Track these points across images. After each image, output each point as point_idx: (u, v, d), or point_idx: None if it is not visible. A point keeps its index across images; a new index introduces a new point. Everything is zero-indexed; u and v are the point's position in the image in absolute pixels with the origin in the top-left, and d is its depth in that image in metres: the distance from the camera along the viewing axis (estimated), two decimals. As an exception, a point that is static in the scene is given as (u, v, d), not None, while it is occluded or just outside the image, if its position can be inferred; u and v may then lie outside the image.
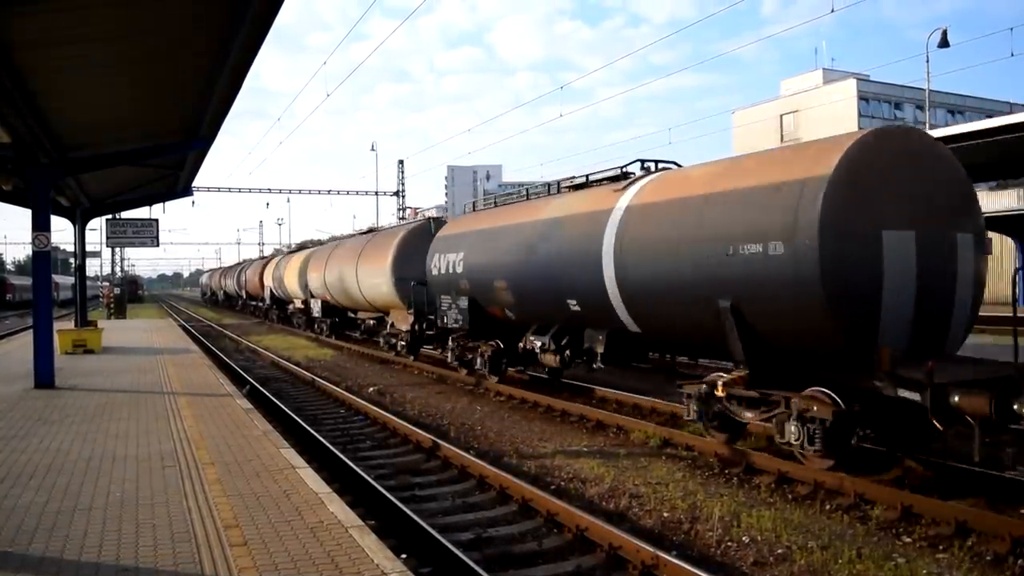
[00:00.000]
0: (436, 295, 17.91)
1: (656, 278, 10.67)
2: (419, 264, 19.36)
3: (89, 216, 25.74)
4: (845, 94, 69.59)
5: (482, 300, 16.00)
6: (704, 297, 9.72)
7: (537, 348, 14.30)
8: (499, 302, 15.27)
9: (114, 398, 13.52)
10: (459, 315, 16.82)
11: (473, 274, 16.03)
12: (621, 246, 11.32)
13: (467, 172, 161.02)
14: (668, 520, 7.94)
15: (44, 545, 6.04)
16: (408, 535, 7.46)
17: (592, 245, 11.92)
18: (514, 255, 14.46)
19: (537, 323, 14.52)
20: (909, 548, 7.07)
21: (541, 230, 13.79)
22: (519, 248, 14.31)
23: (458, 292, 16.73)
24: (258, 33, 10.20)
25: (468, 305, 16.37)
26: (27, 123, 12.99)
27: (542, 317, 14.30)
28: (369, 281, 23.62)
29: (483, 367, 16.68)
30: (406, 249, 21.71)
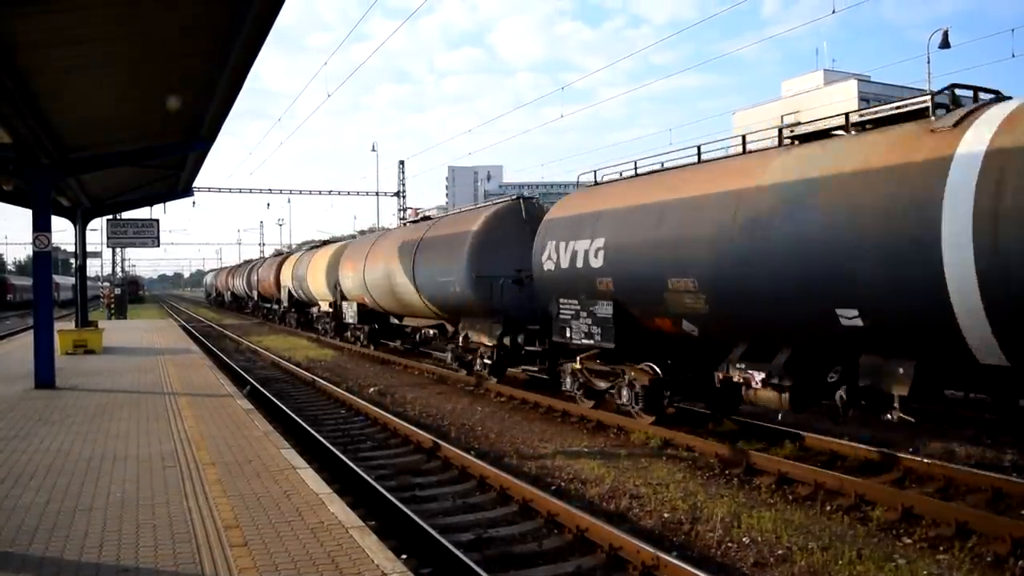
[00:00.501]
0: (550, 298, 13.34)
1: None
2: (507, 257, 15.71)
3: (90, 216, 25.72)
4: (846, 95, 69.50)
5: (637, 306, 11.53)
6: None
7: (757, 382, 9.62)
8: (672, 310, 10.74)
9: (115, 398, 13.52)
10: (595, 327, 12.28)
11: (622, 269, 11.57)
12: (994, 218, 7.01)
13: (468, 173, 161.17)
14: (668, 521, 7.94)
15: (44, 545, 6.04)
16: (409, 536, 7.45)
17: (909, 220, 7.65)
18: (709, 242, 9.98)
19: (746, 343, 9.99)
20: (910, 549, 7.07)
21: (771, 202, 9.29)
22: (722, 230, 9.78)
23: (592, 295, 12.27)
24: (258, 34, 10.20)
25: (613, 313, 11.85)
26: (28, 123, 13.00)
27: (764, 335, 9.73)
28: (432, 280, 18.37)
29: (632, 403, 12.04)
30: (488, 236, 16.49)
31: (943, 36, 37.06)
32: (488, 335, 16.42)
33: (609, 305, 11.94)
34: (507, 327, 15.71)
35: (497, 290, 15.53)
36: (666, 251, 10.72)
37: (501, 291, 15.42)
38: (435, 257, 18.20)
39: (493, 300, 15.64)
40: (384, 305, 23.31)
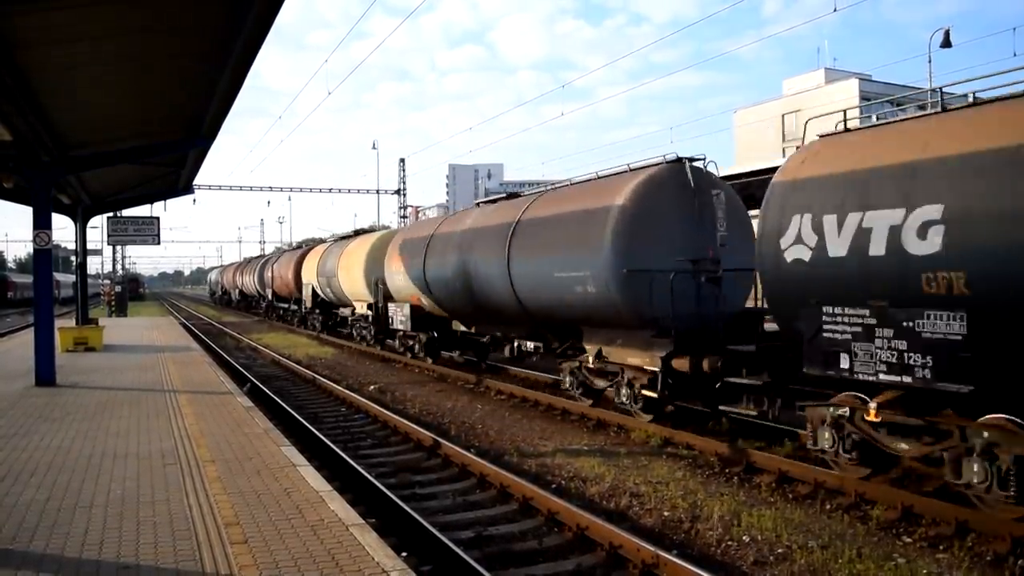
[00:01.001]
0: (796, 305, 8.71)
1: None
2: (668, 241, 11.52)
3: (90, 214, 25.74)
4: (847, 94, 69.45)
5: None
6: None
7: None
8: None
9: (115, 396, 13.53)
10: (915, 354, 7.54)
11: (993, 254, 6.89)
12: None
13: (468, 171, 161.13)
14: (668, 519, 7.94)
15: (45, 543, 6.05)
16: (409, 533, 7.46)
17: None
18: None
19: None
20: (909, 548, 7.07)
21: None
22: None
23: (908, 300, 7.53)
24: (259, 32, 10.20)
25: (966, 331, 7.06)
26: (28, 121, 13.00)
27: None
28: (540, 276, 13.27)
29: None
30: (641, 213, 11.58)
31: (944, 35, 37.05)
32: (644, 355, 11.61)
33: (957, 317, 7.13)
34: (680, 344, 11.07)
35: (660, 290, 11.05)
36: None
37: (671, 291, 10.91)
38: (546, 245, 13.26)
39: (653, 304, 11.16)
40: (452, 309, 18.15)
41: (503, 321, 15.95)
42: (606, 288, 11.62)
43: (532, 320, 14.50)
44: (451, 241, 17.22)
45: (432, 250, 18.19)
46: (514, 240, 14.18)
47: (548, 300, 13.34)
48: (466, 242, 16.36)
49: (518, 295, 14.14)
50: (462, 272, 16.36)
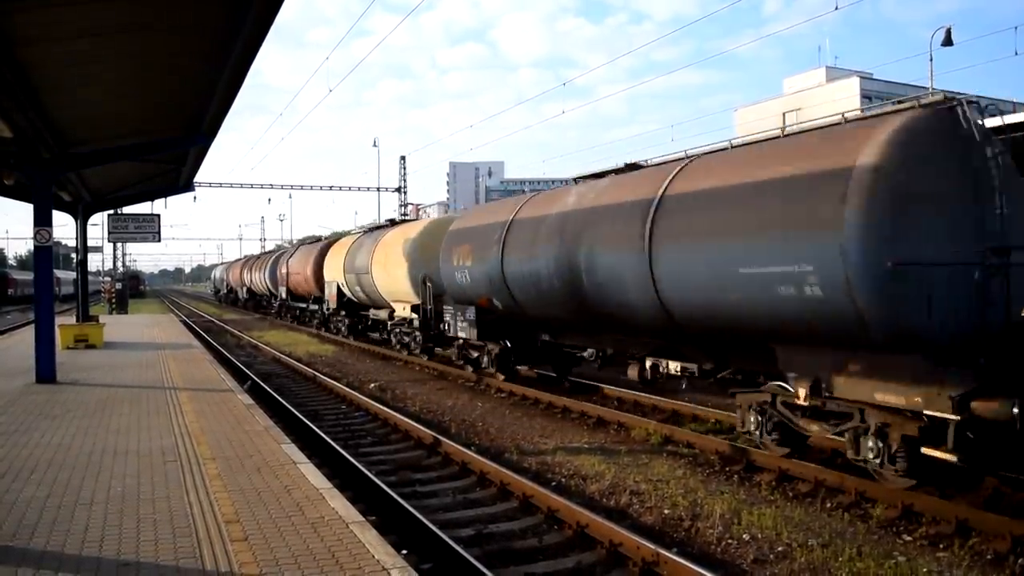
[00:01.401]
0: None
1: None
2: (946, 224, 7.78)
3: (91, 211, 25.75)
4: (848, 92, 69.39)
5: None
6: None
7: None
8: None
9: (115, 393, 13.53)
10: None
11: None
12: None
13: (469, 169, 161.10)
14: (669, 517, 7.94)
15: (45, 540, 6.05)
16: (409, 531, 7.46)
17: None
18: None
19: None
20: (910, 546, 7.07)
21: None
22: None
23: None
24: (259, 30, 10.20)
25: None
26: (29, 118, 13.00)
27: None
28: (745, 272, 8.83)
29: None
30: (908, 179, 7.64)
31: (946, 34, 36.99)
32: (911, 392, 7.66)
33: None
34: (986, 377, 7.42)
35: (942, 293, 7.58)
36: None
37: (964, 294, 7.68)
38: (722, 228, 9.26)
39: (931, 314, 7.54)
40: (542, 314, 14.09)
41: (628, 331, 11.95)
42: (845, 290, 7.63)
43: (677, 333, 10.63)
44: (544, 227, 13.22)
45: (513, 239, 14.17)
46: (659, 222, 10.22)
47: (721, 306, 9.29)
48: (570, 227, 12.33)
49: (663, 298, 10.14)
50: (564, 267, 12.34)
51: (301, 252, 36.43)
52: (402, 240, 21.50)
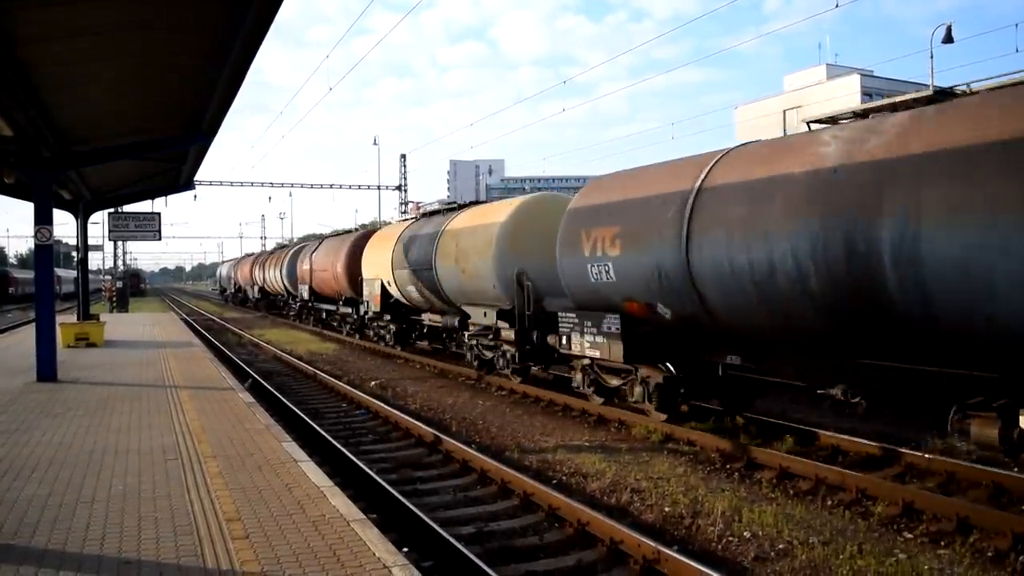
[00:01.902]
0: None
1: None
2: None
3: (91, 210, 25.74)
4: (849, 89, 69.31)
5: None
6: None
7: None
8: None
9: (116, 391, 13.54)
10: None
11: None
12: None
13: (469, 167, 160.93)
14: (670, 515, 7.94)
15: (47, 538, 6.05)
16: (410, 529, 7.46)
17: None
18: None
19: None
20: (910, 544, 7.07)
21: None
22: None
23: None
24: (259, 29, 10.19)
25: None
26: (29, 116, 13.00)
27: None
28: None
29: None
30: None
31: (946, 31, 36.97)
32: None
33: None
34: None
35: None
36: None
37: None
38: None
39: None
40: (766, 324, 9.27)
41: (971, 364, 7.40)
42: None
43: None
44: (780, 194, 8.62)
45: (709, 215, 9.56)
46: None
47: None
48: (845, 192, 7.83)
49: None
50: (834, 254, 7.84)
51: (329, 245, 30.91)
52: (484, 225, 16.29)
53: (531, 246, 14.94)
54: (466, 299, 17.31)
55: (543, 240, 14.05)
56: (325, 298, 31.83)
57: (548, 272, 13.77)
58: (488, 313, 16.14)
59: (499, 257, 15.30)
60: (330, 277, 29.18)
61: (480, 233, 16.26)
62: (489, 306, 16.11)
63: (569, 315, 12.71)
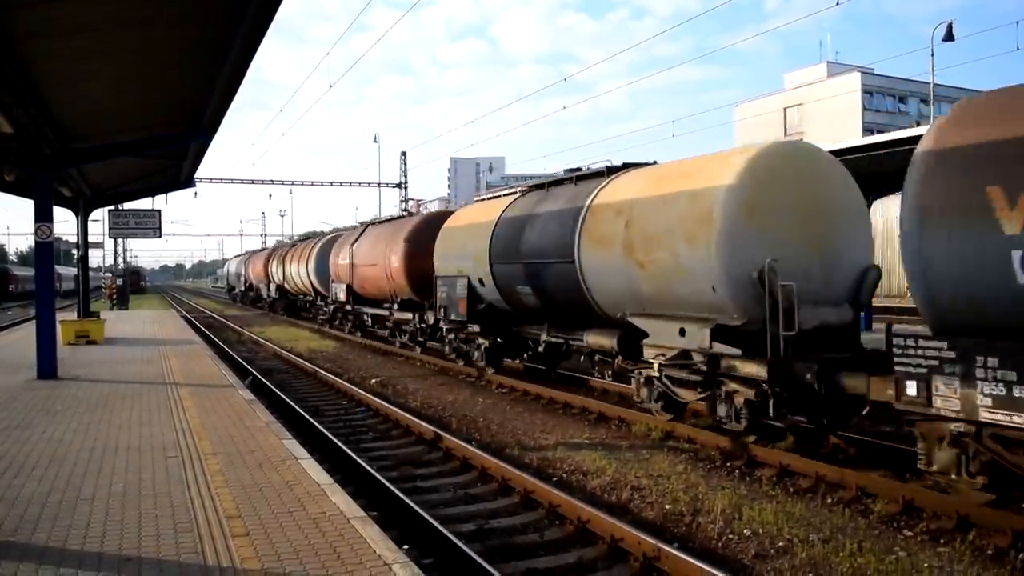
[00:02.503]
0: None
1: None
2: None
3: (91, 207, 25.74)
4: (849, 87, 69.33)
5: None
6: None
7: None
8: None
9: (116, 389, 13.54)
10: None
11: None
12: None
13: (470, 164, 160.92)
14: (670, 512, 7.95)
15: (47, 535, 6.05)
16: (410, 526, 7.47)
17: None
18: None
19: None
20: (910, 542, 7.07)
21: None
22: None
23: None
24: (259, 25, 10.18)
25: None
26: (30, 113, 12.99)
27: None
28: None
29: None
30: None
31: (947, 29, 36.95)
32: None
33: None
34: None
35: None
36: None
37: None
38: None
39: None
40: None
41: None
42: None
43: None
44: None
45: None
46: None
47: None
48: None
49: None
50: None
51: (378, 234, 24.61)
52: (691, 193, 10.39)
53: (782, 224, 9.73)
54: (640, 307, 11.42)
55: (800, 215, 9.82)
56: (370, 300, 25.64)
57: (808, 265, 9.74)
58: (694, 331, 10.27)
59: (727, 242, 9.60)
60: (380, 274, 23.24)
61: (684, 204, 10.38)
62: (696, 320, 10.29)
63: (932, 344, 7.36)
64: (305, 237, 40.78)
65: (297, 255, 37.68)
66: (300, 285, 37.24)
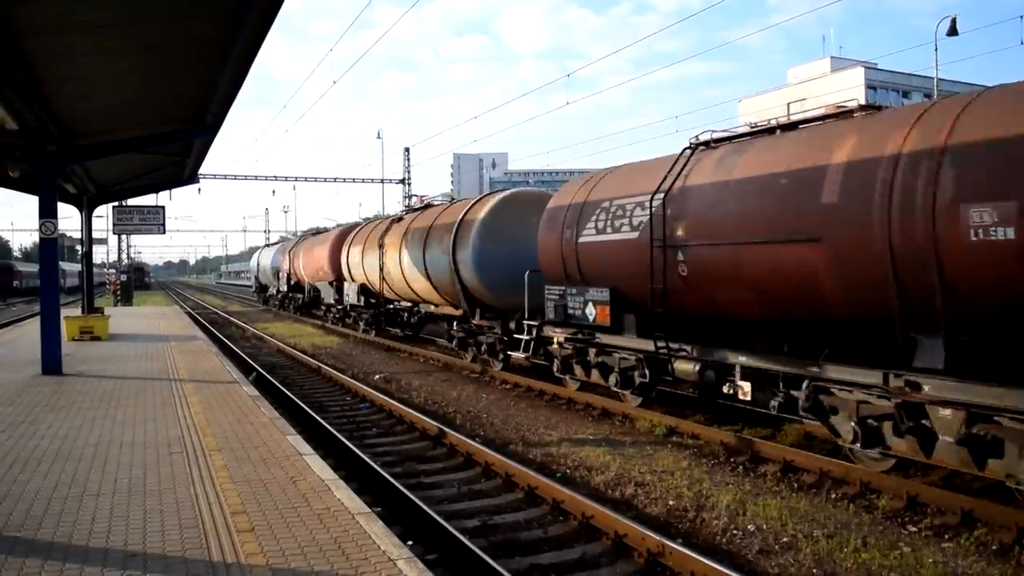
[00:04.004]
0: None
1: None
2: None
3: (96, 203, 25.74)
4: (853, 82, 69.07)
5: None
6: None
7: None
8: None
9: (121, 385, 13.56)
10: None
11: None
12: None
13: (473, 160, 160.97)
14: (674, 508, 7.95)
15: (52, 531, 6.07)
16: (414, 522, 7.48)
17: None
18: None
19: None
20: (915, 537, 7.07)
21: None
22: None
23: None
24: (264, 20, 10.17)
25: None
26: (34, 110, 13.00)
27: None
28: None
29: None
30: None
31: (951, 23, 36.75)
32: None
33: None
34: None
35: None
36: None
37: None
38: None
39: None
40: None
41: None
42: None
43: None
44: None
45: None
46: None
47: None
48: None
49: None
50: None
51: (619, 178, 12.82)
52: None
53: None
54: None
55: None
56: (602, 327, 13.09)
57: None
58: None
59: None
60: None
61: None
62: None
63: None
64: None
65: (404, 234, 21.15)
66: (407, 289, 21.56)
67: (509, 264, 15.77)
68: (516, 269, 15.17)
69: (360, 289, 26.03)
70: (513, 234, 16.32)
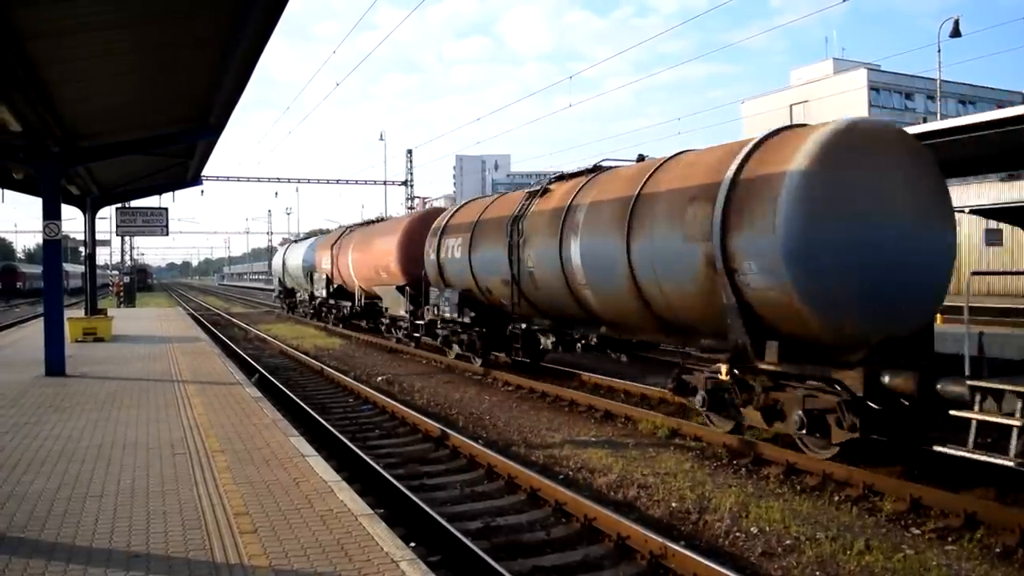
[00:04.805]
0: None
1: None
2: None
3: (99, 205, 25.78)
4: (856, 84, 69.13)
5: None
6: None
7: None
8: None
9: (124, 386, 13.58)
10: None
11: None
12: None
13: (475, 161, 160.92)
14: (676, 510, 7.94)
15: (56, 532, 6.08)
16: (417, 524, 7.48)
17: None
18: None
19: None
20: (918, 540, 7.06)
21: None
22: None
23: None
24: (268, 22, 10.18)
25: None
26: (37, 112, 13.02)
27: None
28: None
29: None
30: None
31: (954, 25, 36.72)
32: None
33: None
34: None
35: None
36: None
37: None
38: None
39: None
40: None
41: None
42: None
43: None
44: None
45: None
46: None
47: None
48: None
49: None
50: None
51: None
52: None
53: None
54: None
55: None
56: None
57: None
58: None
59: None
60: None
61: None
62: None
63: None
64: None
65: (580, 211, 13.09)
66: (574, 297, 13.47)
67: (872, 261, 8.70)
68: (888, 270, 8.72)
69: (463, 298, 17.57)
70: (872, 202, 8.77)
